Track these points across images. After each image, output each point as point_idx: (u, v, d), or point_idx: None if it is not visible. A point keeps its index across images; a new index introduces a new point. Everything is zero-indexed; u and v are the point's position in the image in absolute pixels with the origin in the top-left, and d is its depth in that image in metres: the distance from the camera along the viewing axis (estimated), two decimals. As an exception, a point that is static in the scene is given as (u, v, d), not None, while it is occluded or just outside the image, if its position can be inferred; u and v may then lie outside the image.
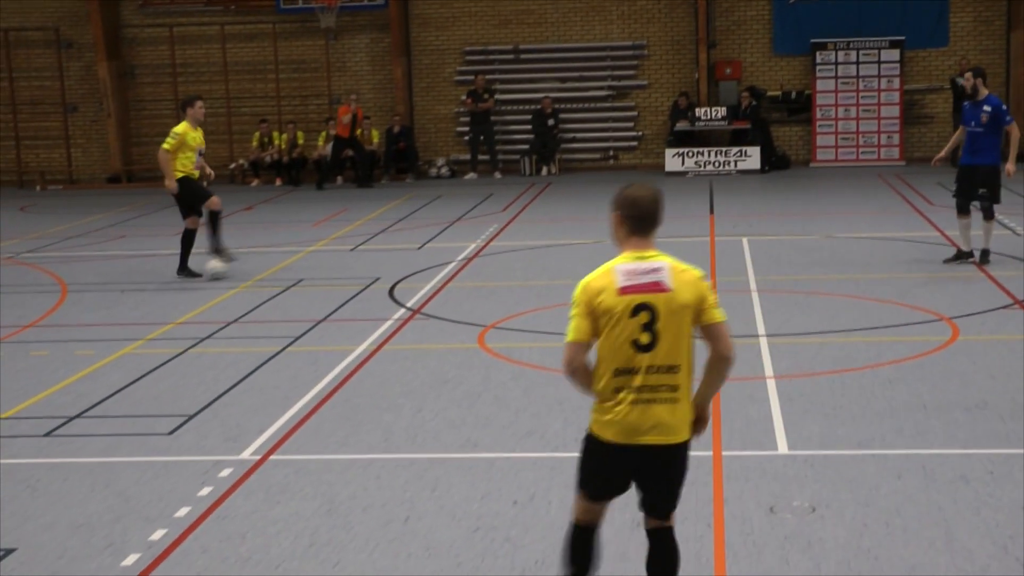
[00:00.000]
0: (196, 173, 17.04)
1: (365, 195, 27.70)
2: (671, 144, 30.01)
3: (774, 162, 29.81)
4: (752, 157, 29.10)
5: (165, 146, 16.71)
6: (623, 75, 31.45)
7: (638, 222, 5.97)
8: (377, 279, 16.61)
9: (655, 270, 5.87)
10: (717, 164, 29.27)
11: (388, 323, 13.90)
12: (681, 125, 30.02)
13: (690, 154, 29.37)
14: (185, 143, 16.73)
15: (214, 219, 17.07)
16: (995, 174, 15.86)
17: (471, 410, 10.47)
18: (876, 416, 9.89)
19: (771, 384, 10.89)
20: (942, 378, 10.95)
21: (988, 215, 16.09)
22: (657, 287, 5.83)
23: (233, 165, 31.59)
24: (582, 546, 6.16)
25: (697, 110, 29.91)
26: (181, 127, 16.80)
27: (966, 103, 16.26)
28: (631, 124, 31.51)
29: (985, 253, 16.08)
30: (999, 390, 10.47)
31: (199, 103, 17.13)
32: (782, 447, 9.20)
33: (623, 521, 7.49)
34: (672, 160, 29.43)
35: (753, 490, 8.24)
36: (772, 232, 19.87)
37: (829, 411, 10.05)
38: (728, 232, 19.84)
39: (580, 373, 5.92)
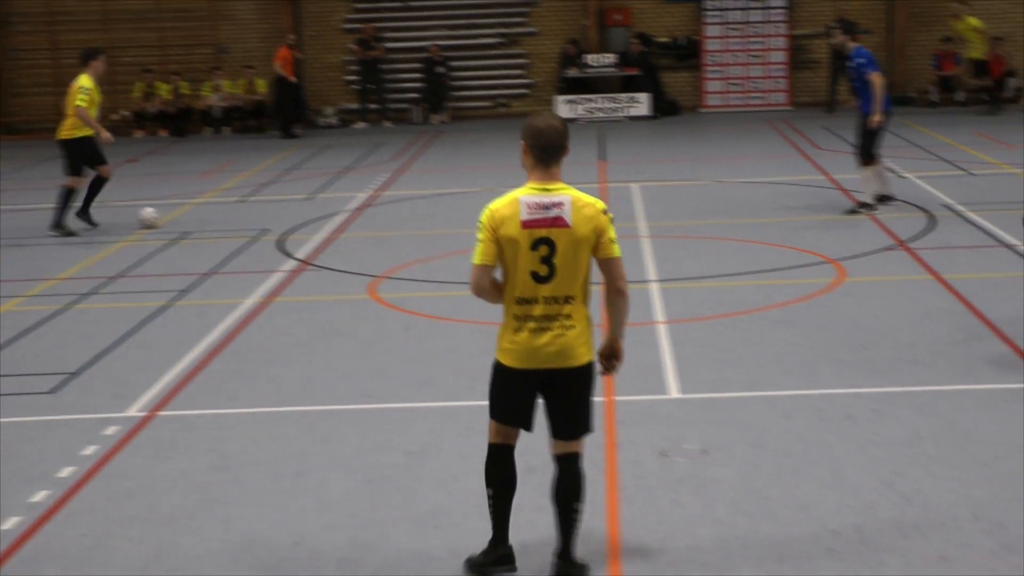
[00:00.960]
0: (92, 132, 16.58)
1: (253, 145, 27.33)
2: (561, 91, 29.96)
3: (664, 108, 29.88)
4: (642, 103, 29.15)
5: (82, 104, 16.16)
6: (513, 22, 31.30)
7: (541, 152, 6.11)
8: (266, 230, 16.41)
9: (557, 204, 6.05)
10: (607, 111, 29.27)
11: (278, 275, 13.74)
12: (571, 72, 29.99)
13: (580, 101, 29.35)
14: (95, 99, 16.35)
15: (96, 186, 16.75)
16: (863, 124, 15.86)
17: (363, 361, 10.39)
18: (766, 358, 9.98)
19: (662, 329, 10.94)
20: (829, 319, 11.08)
21: (860, 163, 16.02)
22: (558, 222, 6.03)
23: (116, 116, 30.95)
24: (499, 465, 6.30)
25: (587, 57, 29.88)
26: (88, 81, 16.29)
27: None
28: (522, 71, 31.39)
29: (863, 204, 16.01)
30: (883, 330, 10.62)
31: (103, 56, 16.67)
32: (674, 391, 9.26)
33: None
34: (563, 107, 29.38)
35: (645, 434, 8.27)
36: (662, 178, 19.94)
37: (719, 355, 10.13)
38: (619, 178, 19.88)
39: (488, 292, 6.22)
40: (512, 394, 6.23)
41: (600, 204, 6.13)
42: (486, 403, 8.97)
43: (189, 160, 25.34)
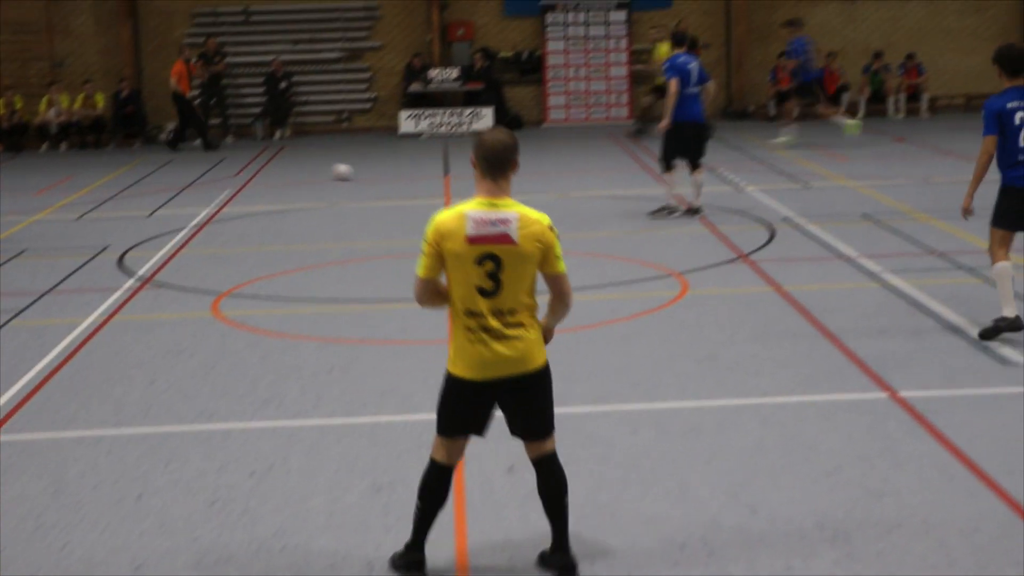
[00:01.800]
0: None
1: (92, 161, 26.78)
2: (405, 105, 29.93)
3: (508, 122, 30.01)
4: (486, 117, 29.24)
5: None
6: (356, 36, 31.18)
7: (488, 166, 6.13)
8: (105, 248, 16.07)
9: (503, 221, 6.07)
10: (451, 125, 29.30)
11: (118, 293, 13.45)
12: (415, 87, 29.97)
13: (424, 115, 29.34)
14: None
15: None
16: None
17: (206, 380, 10.21)
18: (612, 371, 10.05)
19: (509, 343, 10.93)
20: (674, 332, 11.20)
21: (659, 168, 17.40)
22: (503, 239, 6.06)
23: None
24: (436, 483, 6.35)
25: (430, 71, 29.89)
26: None
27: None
28: (365, 86, 31.29)
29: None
30: (726, 342, 10.77)
31: None
32: (520, 406, 9.25)
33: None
34: (407, 122, 29.34)
35: (492, 451, 8.25)
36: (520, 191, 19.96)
37: (565, 368, 10.13)
38: (464, 192, 19.88)
39: (431, 303, 6.27)
40: (467, 405, 6.26)
41: (546, 220, 6.15)
42: (331, 421, 8.95)
43: (25, 176, 24.71)
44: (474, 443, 8.26)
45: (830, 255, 14.18)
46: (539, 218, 6.14)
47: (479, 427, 6.38)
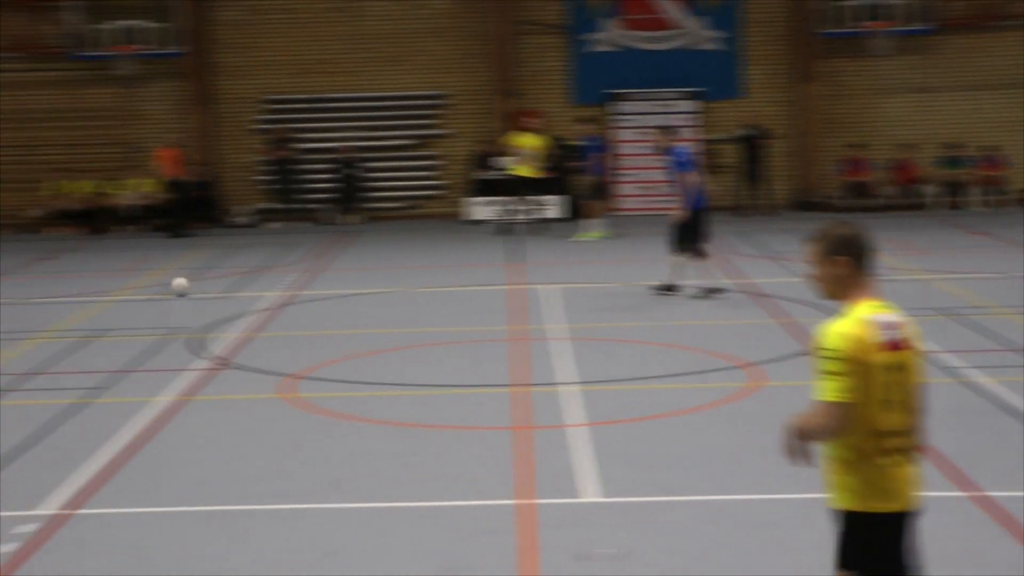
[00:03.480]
0: None
1: (167, 244, 27.20)
2: (474, 193, 30.17)
3: (578, 210, 30.12)
4: (556, 205, 29.40)
5: None
6: (425, 124, 31.54)
7: (868, 262, 5.47)
8: (180, 329, 16.30)
9: (898, 325, 5.38)
10: (521, 212, 29.46)
11: (192, 374, 13.63)
12: (483, 174, 30.22)
13: (493, 203, 29.54)
14: None
15: None
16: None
17: (277, 461, 10.31)
18: (686, 462, 10.04)
19: (583, 431, 10.97)
20: (746, 423, 11.17)
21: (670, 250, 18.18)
22: (906, 344, 5.37)
23: (31, 213, 30.72)
24: None
25: (499, 159, 30.14)
26: None
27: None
28: (434, 172, 31.60)
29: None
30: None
31: None
32: (593, 494, 9.26)
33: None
34: (476, 209, 29.57)
35: (563, 537, 8.28)
36: (580, 280, 20.08)
37: (640, 458, 10.16)
38: (535, 280, 20.00)
39: (840, 434, 5.29)
40: (899, 545, 5.36)
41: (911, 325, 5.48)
42: (400, 504, 9.00)
43: (103, 258, 25.15)
44: (540, 528, 8.27)
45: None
46: (907, 319, 5.46)
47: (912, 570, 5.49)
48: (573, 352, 14.35)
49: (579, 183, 26.24)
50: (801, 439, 5.30)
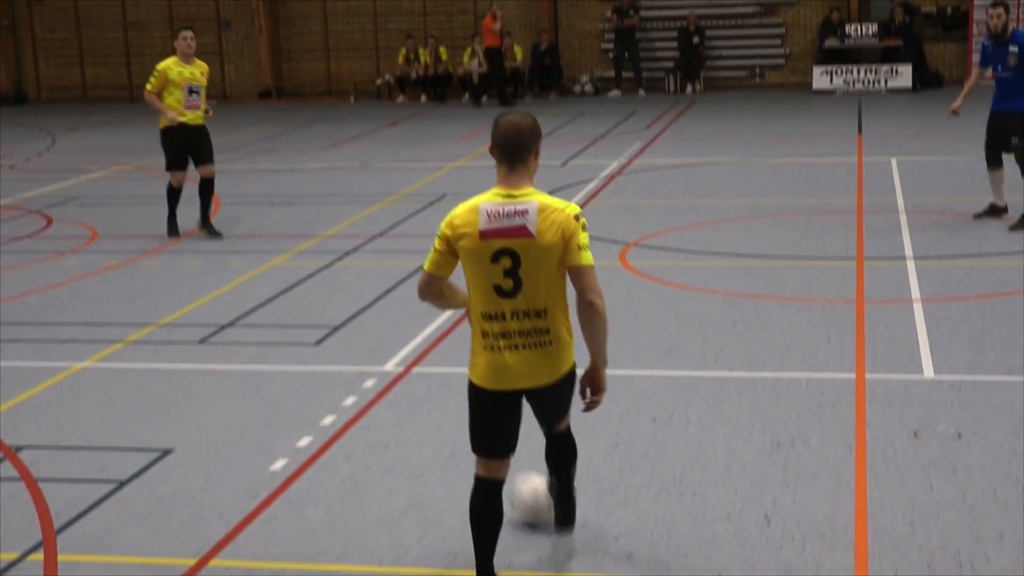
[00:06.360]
0: (189, 115, 14.59)
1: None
2: (819, 62, 29.46)
3: (926, 81, 29.12)
4: (903, 75, 28.46)
5: (147, 86, 14.58)
6: (772, -9, 30.91)
7: (502, 152, 5.56)
8: (520, 195, 16.62)
9: (520, 212, 5.48)
10: (867, 82, 28.67)
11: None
12: (830, 42, 29.44)
13: (839, 72, 28.81)
14: (169, 80, 14.47)
15: (201, 189, 14.91)
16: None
17: (612, 327, 10.40)
18: (1021, 343, 9.69)
19: (918, 307, 10.72)
20: None
21: None
22: (520, 232, 5.47)
23: (379, 81, 31.85)
24: (480, 501, 5.83)
25: (847, 27, 29.29)
26: (164, 63, 14.59)
27: (987, 42, 14.22)
28: (778, 41, 30.97)
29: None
30: None
31: (184, 33, 14.64)
32: (928, 371, 9.08)
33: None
34: (820, 78, 28.91)
35: (897, 414, 8.15)
36: (922, 152, 19.47)
37: (977, 336, 9.87)
38: (876, 152, 19.49)
39: (433, 300, 5.87)
40: (490, 418, 5.73)
41: (573, 208, 5.54)
42: (733, 375, 9.05)
43: (447, 125, 25.85)
44: (874, 403, 8.16)
45: None
46: (563, 207, 5.51)
47: (506, 444, 5.80)
48: (908, 226, 13.95)
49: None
50: None
